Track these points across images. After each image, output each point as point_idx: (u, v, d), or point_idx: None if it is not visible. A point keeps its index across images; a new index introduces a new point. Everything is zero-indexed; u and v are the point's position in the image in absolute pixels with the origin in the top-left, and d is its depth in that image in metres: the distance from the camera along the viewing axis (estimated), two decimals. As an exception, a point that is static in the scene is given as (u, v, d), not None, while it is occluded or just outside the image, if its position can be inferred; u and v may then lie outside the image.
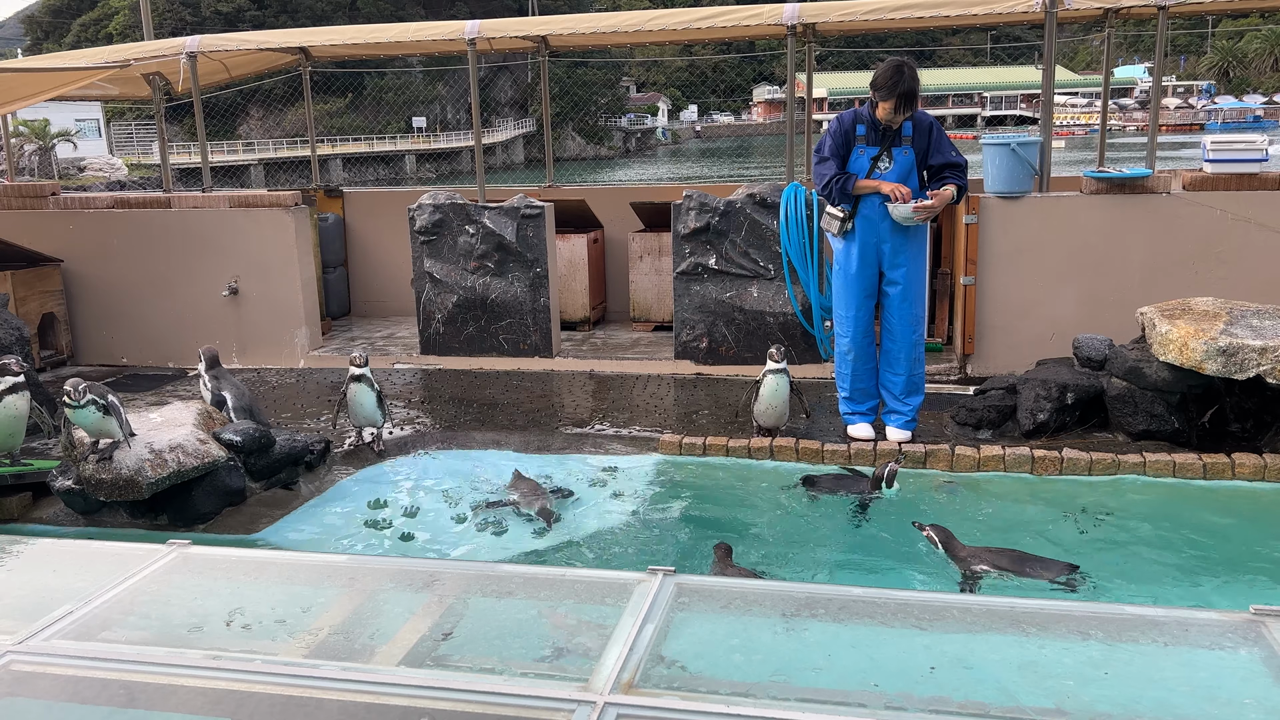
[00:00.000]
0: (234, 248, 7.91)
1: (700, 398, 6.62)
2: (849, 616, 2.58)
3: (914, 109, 5.26)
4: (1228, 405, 5.28)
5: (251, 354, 7.98)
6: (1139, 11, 7.69)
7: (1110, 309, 6.42)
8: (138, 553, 2.98)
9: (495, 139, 58.28)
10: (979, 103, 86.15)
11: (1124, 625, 2.47)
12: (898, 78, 5.16)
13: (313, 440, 5.49)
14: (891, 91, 5.17)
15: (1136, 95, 77.65)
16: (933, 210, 5.28)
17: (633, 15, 8.68)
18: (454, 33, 8.29)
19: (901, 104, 5.18)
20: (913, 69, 5.20)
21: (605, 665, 2.24)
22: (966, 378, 6.78)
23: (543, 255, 7.57)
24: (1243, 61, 76.57)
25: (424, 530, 4.76)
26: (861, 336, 5.59)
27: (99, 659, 2.40)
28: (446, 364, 7.71)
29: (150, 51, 8.68)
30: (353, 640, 2.58)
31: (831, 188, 5.38)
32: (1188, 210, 6.47)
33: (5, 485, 5.09)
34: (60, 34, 63.97)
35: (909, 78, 5.16)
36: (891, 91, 5.17)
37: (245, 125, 55.44)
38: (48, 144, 37.31)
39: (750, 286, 7.16)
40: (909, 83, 5.16)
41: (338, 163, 49.06)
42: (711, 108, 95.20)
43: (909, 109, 5.23)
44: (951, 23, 8.39)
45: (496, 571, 3.05)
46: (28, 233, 8.04)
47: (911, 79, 5.16)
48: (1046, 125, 7.09)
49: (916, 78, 5.19)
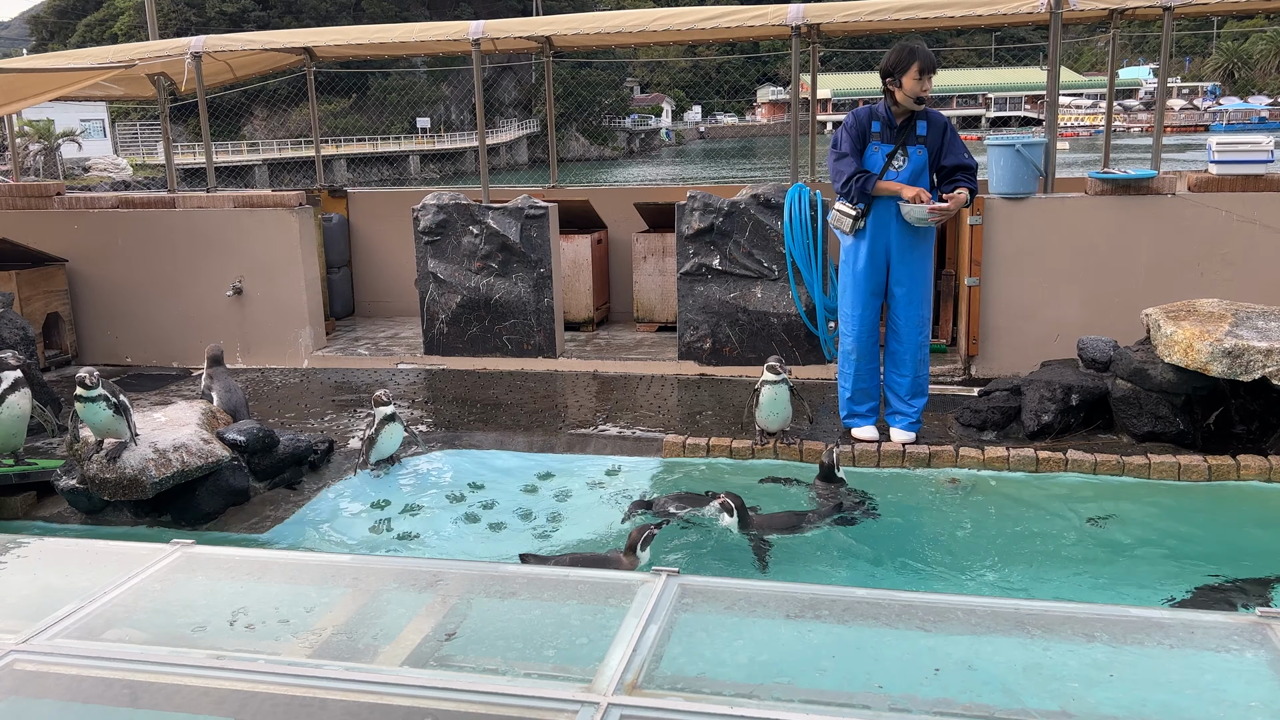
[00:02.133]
0: (238, 248, 7.92)
1: (704, 398, 6.62)
2: (853, 618, 2.57)
3: (934, 74, 5.23)
4: (1233, 407, 5.26)
5: (255, 354, 7.98)
6: (1144, 13, 7.67)
7: (1115, 310, 6.41)
8: (141, 552, 2.98)
9: (499, 140, 58.33)
10: (983, 104, 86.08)
11: (1129, 627, 2.46)
12: (911, 48, 5.18)
13: (316, 440, 5.50)
14: (912, 57, 5.14)
15: (1141, 96, 77.56)
16: (948, 213, 5.26)
17: (637, 15, 8.68)
18: (458, 33, 8.29)
19: (927, 68, 5.16)
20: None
21: (609, 666, 2.23)
22: (971, 379, 6.77)
23: (547, 256, 7.57)
24: (1248, 63, 76.42)
25: (427, 530, 4.76)
26: (866, 336, 5.58)
27: (103, 658, 2.40)
28: (450, 364, 7.71)
29: (155, 52, 8.69)
30: (356, 640, 2.58)
31: (851, 185, 5.33)
32: (1193, 212, 6.46)
33: (10, 484, 5.09)
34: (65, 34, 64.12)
35: (922, 46, 5.18)
36: (912, 57, 5.14)
37: (250, 125, 55.57)
38: (53, 144, 37.38)
39: (754, 287, 7.15)
40: (924, 49, 5.17)
41: (342, 163, 49.12)
42: (715, 108, 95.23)
43: (932, 72, 5.20)
44: (956, 24, 8.37)
45: (500, 572, 3.05)
46: (33, 233, 8.05)
47: (924, 47, 5.18)
48: (1051, 126, 7.08)
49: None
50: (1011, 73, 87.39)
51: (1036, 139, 6.75)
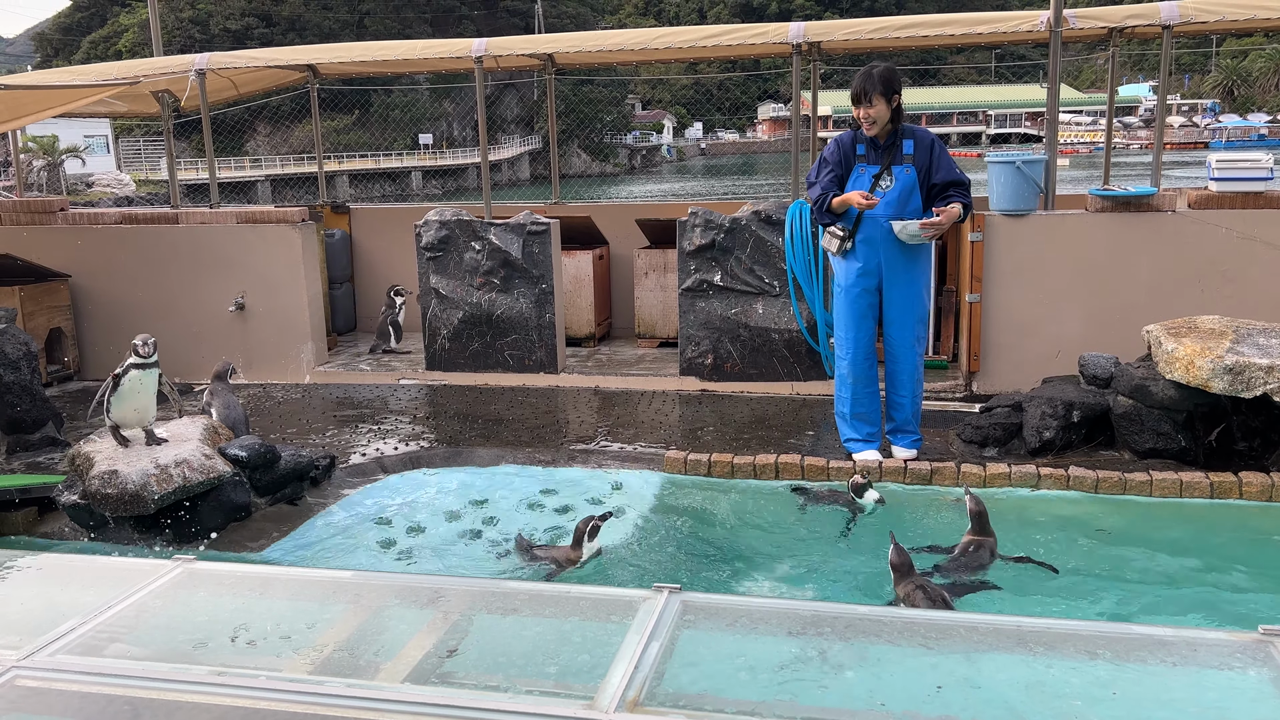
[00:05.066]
0: (241, 263, 7.94)
1: (705, 414, 6.62)
2: (855, 635, 2.57)
3: (873, 105, 5.24)
4: (1234, 424, 5.26)
5: (257, 369, 7.99)
6: (1143, 31, 7.71)
7: (1116, 327, 6.41)
8: (143, 568, 2.98)
9: (501, 156, 58.53)
10: (984, 121, 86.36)
11: (1132, 645, 2.45)
12: (858, 75, 5.27)
13: (318, 455, 5.50)
14: (855, 83, 5.26)
15: (1141, 113, 77.79)
16: (940, 228, 5.28)
17: (639, 33, 8.73)
18: (461, 51, 8.34)
19: (856, 97, 5.23)
20: (879, 68, 5.26)
21: (610, 683, 2.23)
22: (972, 395, 6.77)
23: (548, 271, 7.59)
24: (1247, 80, 76.66)
25: (428, 546, 4.75)
26: (862, 359, 5.56)
27: (104, 675, 2.40)
28: (452, 380, 7.72)
29: (159, 68, 8.74)
30: (357, 657, 2.57)
31: (818, 209, 5.47)
32: (1193, 228, 6.47)
33: (11, 500, 5.09)
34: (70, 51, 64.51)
35: (868, 73, 5.22)
36: (855, 83, 5.26)
37: (253, 142, 55.80)
38: (56, 159, 37.53)
39: (755, 303, 7.16)
40: (863, 76, 5.22)
41: (344, 179, 49.30)
42: (716, 125, 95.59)
43: (864, 103, 5.23)
44: (956, 42, 8.42)
45: (501, 588, 3.05)
46: (36, 248, 8.08)
47: (864, 77, 5.22)
48: (1052, 143, 7.10)
49: (876, 75, 5.21)
50: (1012, 90, 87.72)
51: (1037, 156, 6.77)
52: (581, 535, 4.15)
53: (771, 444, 5.87)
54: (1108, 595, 4.02)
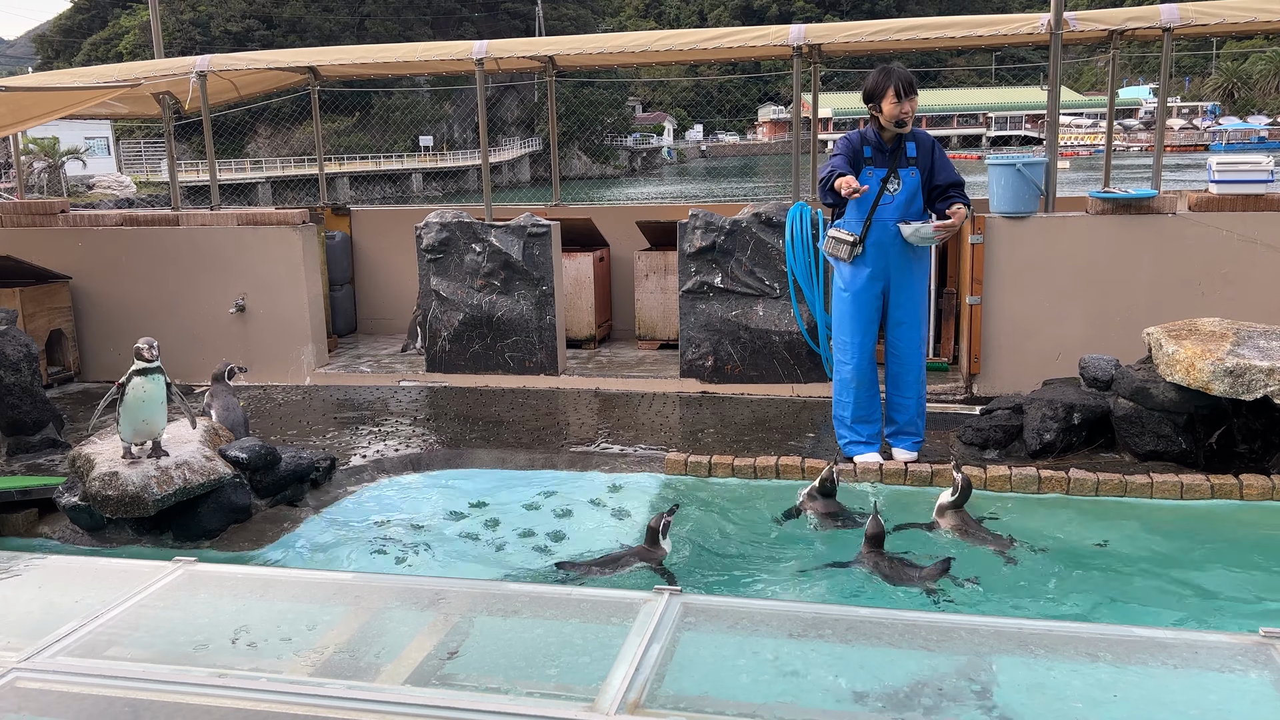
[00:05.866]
0: (241, 265, 7.94)
1: (706, 416, 6.62)
2: (856, 637, 2.57)
3: (915, 96, 5.23)
4: (1235, 426, 5.26)
5: (258, 371, 7.99)
6: (1143, 34, 7.72)
7: (1116, 329, 6.42)
8: (143, 570, 2.98)
9: (502, 158, 58.56)
10: (984, 123, 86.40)
11: (1133, 647, 2.46)
12: (888, 70, 5.23)
13: (318, 457, 5.50)
14: (888, 80, 5.17)
15: (1141, 116, 77.81)
16: (953, 229, 5.29)
17: (639, 36, 8.74)
18: (462, 53, 8.34)
19: (904, 90, 5.16)
20: (900, 67, 5.26)
21: (611, 685, 2.23)
22: (973, 397, 6.77)
23: (549, 273, 7.59)
24: (1247, 83, 76.70)
25: (429, 548, 4.75)
26: (867, 364, 5.54)
27: (104, 676, 2.40)
28: (452, 381, 7.72)
29: (160, 70, 8.75)
30: (358, 658, 2.57)
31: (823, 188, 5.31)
32: (1194, 231, 6.48)
33: (11, 501, 5.09)
34: (71, 53, 64.56)
35: (898, 68, 5.21)
36: (888, 80, 5.17)
37: (254, 143, 55.81)
38: (57, 161, 37.53)
39: (756, 305, 7.17)
40: (900, 71, 5.20)
41: (345, 181, 49.30)
42: (717, 127, 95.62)
43: (911, 95, 5.21)
44: (957, 44, 8.43)
45: (502, 590, 3.05)
46: (37, 249, 8.08)
47: (899, 75, 5.19)
48: (1052, 145, 7.11)
49: (908, 73, 5.22)
50: (1012, 92, 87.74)
51: (1037, 158, 6.78)
52: (656, 531, 4.38)
53: (772, 446, 5.87)
54: (1108, 597, 4.01)
